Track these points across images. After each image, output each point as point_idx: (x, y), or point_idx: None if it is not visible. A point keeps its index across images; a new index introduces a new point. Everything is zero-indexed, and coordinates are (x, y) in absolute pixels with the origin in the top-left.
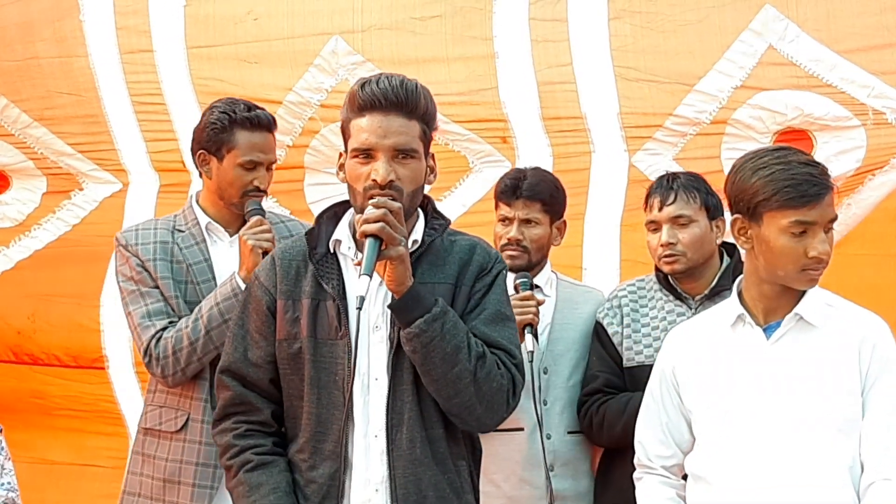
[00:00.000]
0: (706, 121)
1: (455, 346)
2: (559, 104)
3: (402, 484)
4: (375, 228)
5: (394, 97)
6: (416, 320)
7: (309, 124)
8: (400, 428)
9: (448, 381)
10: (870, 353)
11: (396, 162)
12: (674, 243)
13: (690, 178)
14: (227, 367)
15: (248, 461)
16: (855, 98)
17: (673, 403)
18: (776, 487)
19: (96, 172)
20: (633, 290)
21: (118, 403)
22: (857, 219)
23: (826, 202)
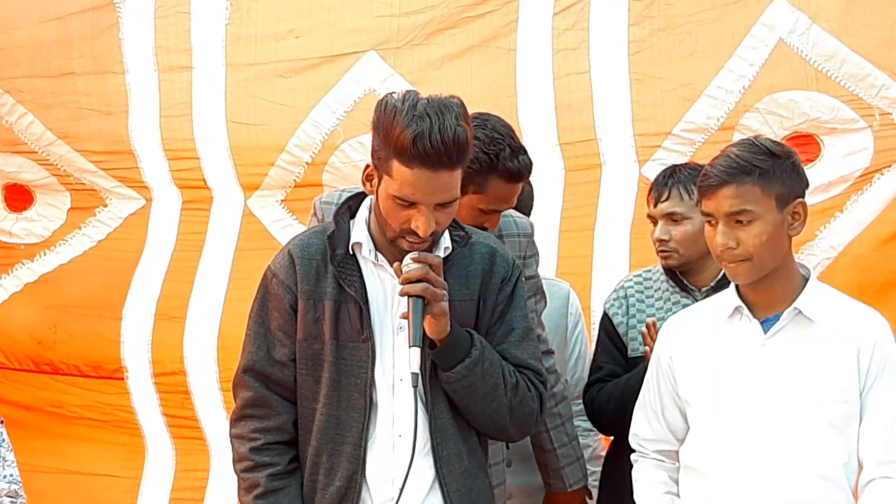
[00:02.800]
0: (714, 127)
1: (493, 385)
2: (574, 114)
3: (458, 498)
4: (419, 290)
5: (446, 158)
6: (457, 365)
7: (329, 139)
8: (446, 443)
9: (486, 414)
10: (870, 351)
11: (437, 210)
12: (666, 240)
13: (692, 172)
14: (250, 366)
15: (257, 485)
16: (863, 99)
17: (668, 392)
18: (769, 481)
19: (119, 189)
20: (639, 282)
21: (136, 413)
22: (868, 217)
23: (723, 195)
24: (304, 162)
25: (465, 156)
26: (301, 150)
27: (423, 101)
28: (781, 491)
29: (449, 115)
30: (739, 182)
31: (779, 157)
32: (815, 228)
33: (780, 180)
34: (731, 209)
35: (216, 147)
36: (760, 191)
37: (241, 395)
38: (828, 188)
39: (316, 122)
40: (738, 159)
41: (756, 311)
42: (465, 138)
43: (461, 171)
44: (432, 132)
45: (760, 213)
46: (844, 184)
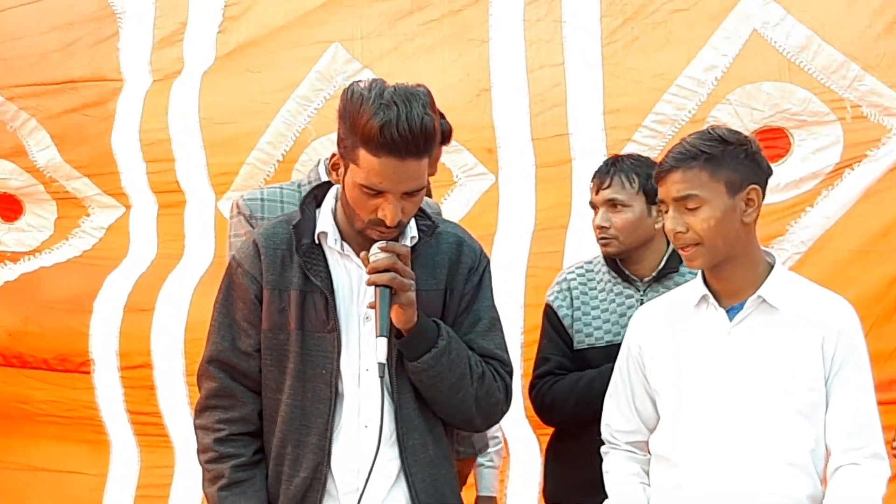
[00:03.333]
0: (685, 119)
1: (460, 374)
2: (548, 108)
3: (423, 488)
4: (386, 279)
5: (413, 146)
6: (424, 355)
7: (301, 136)
8: (412, 434)
9: (452, 404)
10: (835, 338)
11: (404, 199)
12: (606, 227)
13: (635, 161)
14: (214, 356)
15: (221, 476)
16: (834, 91)
17: (639, 381)
18: (738, 469)
19: (100, 197)
20: (581, 273)
21: (100, 410)
22: (838, 212)
23: (671, 180)
24: (275, 160)
25: (432, 144)
26: (272, 147)
27: (389, 89)
28: (750, 478)
29: (416, 103)
30: (686, 167)
31: (730, 144)
32: (785, 224)
33: (729, 166)
34: (677, 194)
35: (191, 147)
36: (708, 176)
37: (206, 386)
38: (798, 184)
39: (287, 120)
40: (688, 145)
41: (722, 299)
42: (432, 127)
43: (428, 160)
44: (399, 121)
45: (707, 197)
46: (815, 180)
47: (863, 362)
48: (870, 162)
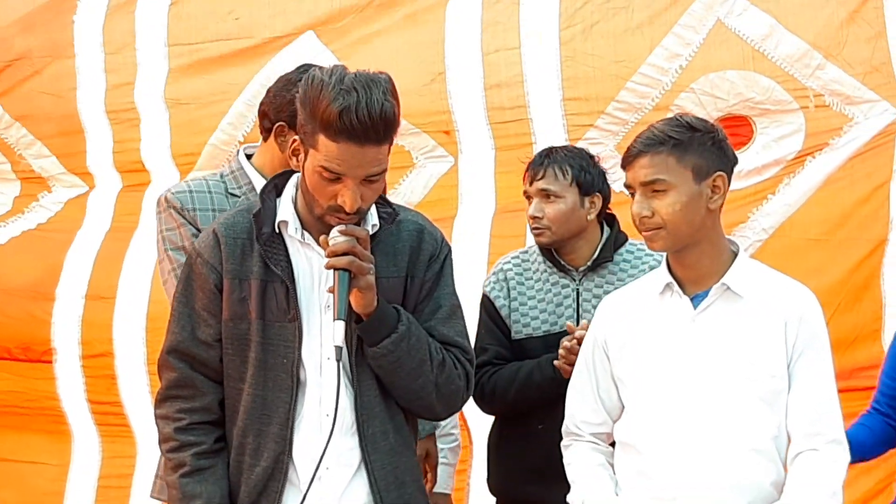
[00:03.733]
0: (648, 107)
1: (419, 361)
2: (504, 92)
3: (382, 476)
4: (345, 262)
5: (372, 132)
6: (383, 340)
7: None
8: (372, 422)
9: (412, 391)
10: (797, 324)
11: (364, 185)
12: (539, 217)
13: (568, 153)
14: (174, 346)
15: (183, 464)
16: (797, 79)
17: (605, 371)
18: (702, 456)
19: (65, 176)
20: (517, 263)
21: (60, 401)
22: (800, 200)
23: (638, 164)
24: (236, 140)
25: (391, 131)
26: (233, 128)
27: (350, 75)
28: (714, 465)
29: (376, 89)
30: (654, 152)
31: (697, 131)
32: (747, 211)
33: (696, 152)
34: (645, 178)
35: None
36: (675, 161)
37: (166, 376)
38: (761, 171)
39: (249, 102)
40: (656, 131)
41: (686, 287)
42: (392, 113)
43: (388, 146)
44: (359, 106)
45: (675, 182)
46: (777, 167)
47: (824, 349)
48: (831, 150)
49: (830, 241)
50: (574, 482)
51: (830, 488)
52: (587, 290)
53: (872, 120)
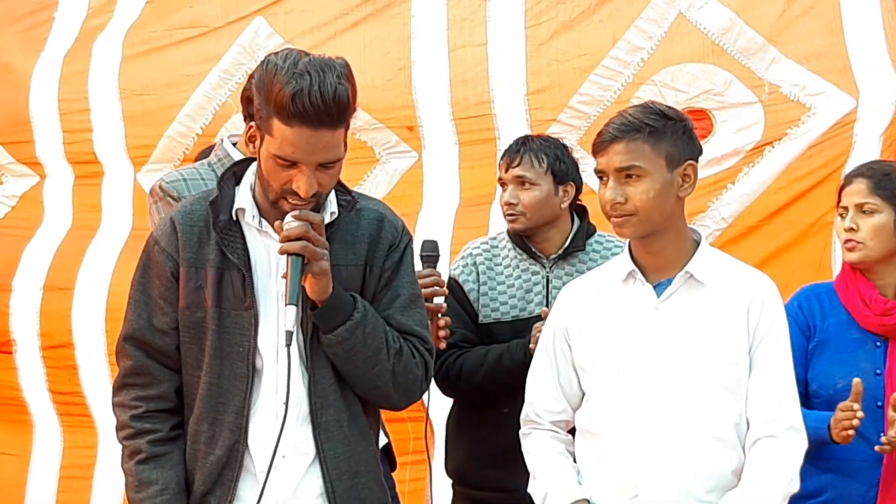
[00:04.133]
0: (610, 100)
1: (375, 349)
2: (469, 88)
3: (335, 465)
4: (298, 247)
5: (325, 116)
6: (338, 328)
7: (222, 110)
8: (326, 410)
9: (368, 379)
10: (758, 311)
11: (320, 171)
12: (514, 203)
13: (544, 142)
14: (130, 334)
15: (139, 451)
16: (754, 72)
17: (566, 359)
18: (663, 443)
19: (14, 166)
20: (486, 248)
21: (22, 391)
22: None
23: (613, 150)
24: (194, 133)
25: (346, 115)
26: (192, 119)
27: (304, 59)
28: (676, 453)
29: (330, 73)
30: (630, 139)
31: (671, 119)
32: (707, 200)
33: (670, 140)
34: (620, 164)
35: (110, 117)
36: (650, 148)
37: (123, 364)
38: (720, 161)
39: (208, 94)
40: (631, 118)
41: (649, 275)
42: (346, 97)
43: (344, 132)
44: (312, 89)
45: (649, 169)
46: (736, 157)
47: (783, 336)
48: (790, 140)
49: (789, 229)
50: (535, 472)
51: (788, 474)
52: (557, 277)
53: (830, 110)
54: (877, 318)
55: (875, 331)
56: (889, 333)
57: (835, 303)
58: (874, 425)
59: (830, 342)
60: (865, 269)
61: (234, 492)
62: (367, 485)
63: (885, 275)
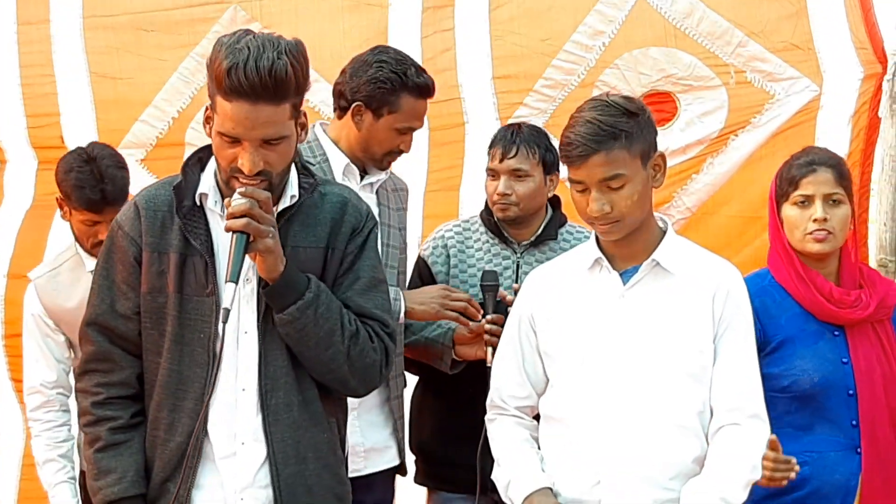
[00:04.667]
0: (574, 83)
1: (328, 330)
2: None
3: (282, 448)
4: (240, 224)
5: (261, 89)
6: (289, 307)
7: (199, 94)
8: (276, 392)
9: (322, 361)
10: (724, 299)
11: (265, 148)
12: (509, 194)
13: (533, 132)
14: (93, 319)
15: (99, 439)
16: (718, 56)
17: (531, 345)
18: (627, 430)
19: None
20: (458, 231)
21: None
22: (723, 178)
23: (593, 163)
24: (170, 116)
25: (285, 90)
26: (168, 103)
27: (248, 36)
28: (640, 441)
29: (270, 48)
30: (608, 149)
31: (637, 116)
32: (672, 190)
33: (641, 138)
34: (604, 175)
35: (79, 101)
36: (628, 153)
37: (85, 349)
38: (685, 150)
39: (185, 77)
40: (603, 125)
41: (616, 263)
42: (283, 71)
43: (290, 109)
44: (247, 63)
45: (630, 175)
46: (700, 146)
47: (747, 325)
48: (753, 129)
49: (753, 218)
50: (499, 459)
51: (750, 462)
52: (527, 263)
53: (794, 97)
54: (843, 311)
55: (831, 321)
56: (848, 323)
57: (783, 296)
58: (847, 413)
59: (793, 338)
60: (817, 259)
61: (194, 479)
62: (316, 472)
63: (830, 264)
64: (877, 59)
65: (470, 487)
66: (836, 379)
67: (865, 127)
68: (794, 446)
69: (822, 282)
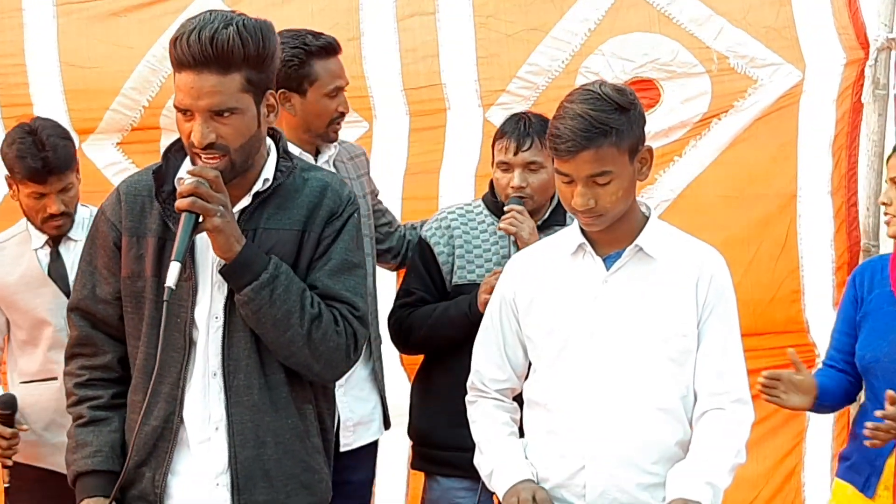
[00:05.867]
0: (559, 70)
1: (286, 312)
2: (419, 59)
3: (240, 430)
4: (187, 204)
5: (202, 56)
6: (244, 287)
7: (168, 82)
8: (237, 374)
9: (281, 344)
10: (707, 283)
11: (216, 121)
12: (524, 187)
13: (542, 122)
14: (75, 305)
15: (81, 416)
16: (702, 42)
17: (512, 329)
18: (610, 415)
19: None
20: (462, 214)
21: None
22: (706, 160)
23: (582, 159)
24: (140, 105)
25: (229, 59)
26: (137, 92)
27: (207, 12)
28: (621, 424)
29: (219, 20)
30: (598, 146)
31: (627, 110)
32: (655, 173)
33: (631, 133)
34: (591, 172)
35: (50, 91)
36: (616, 150)
37: (70, 334)
38: (668, 133)
39: (152, 65)
40: (594, 121)
41: (599, 248)
42: (226, 40)
43: (239, 81)
44: (192, 33)
45: (618, 171)
46: (683, 129)
47: (731, 309)
48: (736, 112)
49: (737, 199)
50: (481, 445)
51: (735, 447)
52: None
53: (777, 82)
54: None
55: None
56: None
57: (885, 275)
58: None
59: (871, 314)
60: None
61: (169, 464)
62: (276, 457)
63: None
64: (859, 45)
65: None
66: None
67: (849, 111)
68: (861, 417)
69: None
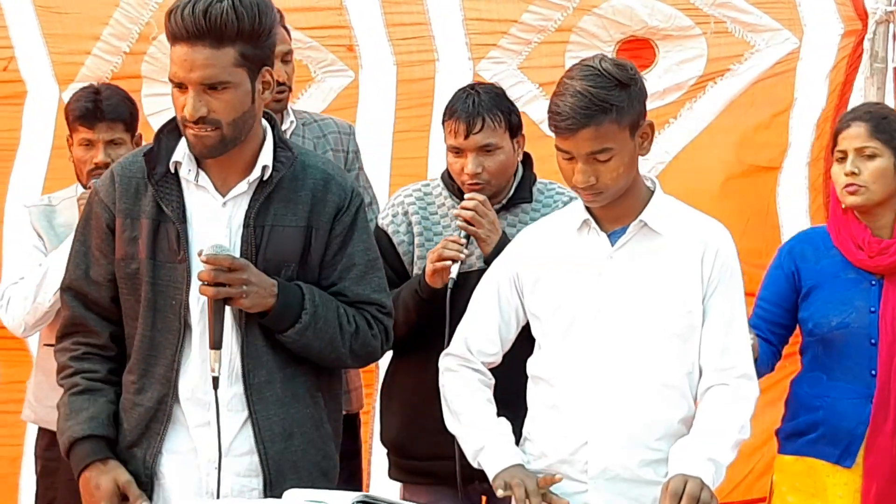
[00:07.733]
0: (552, 28)
1: (330, 338)
2: (403, 10)
3: (267, 427)
4: (211, 293)
5: (195, 29)
6: (288, 330)
7: (146, 29)
8: (258, 371)
9: (327, 362)
10: (713, 258)
11: (209, 94)
12: (479, 172)
13: (492, 95)
14: (68, 285)
15: (76, 385)
16: (699, 8)
17: (511, 306)
18: (615, 390)
19: None
20: (419, 197)
21: None
22: (701, 124)
23: (582, 136)
24: (121, 51)
25: (223, 33)
26: (117, 39)
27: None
28: (626, 401)
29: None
30: (598, 123)
31: (628, 86)
32: None
33: (631, 109)
34: (592, 149)
35: (29, 35)
36: (617, 126)
37: (63, 314)
38: (663, 95)
39: (127, 13)
40: (594, 98)
41: (603, 224)
42: (220, 13)
43: (234, 55)
44: (186, 6)
45: (618, 148)
46: (678, 91)
47: (737, 284)
48: (732, 76)
49: (732, 162)
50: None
51: (739, 422)
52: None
53: (774, 48)
54: (872, 260)
55: (871, 270)
56: (885, 272)
57: (828, 245)
58: (868, 363)
59: (825, 283)
60: (862, 213)
61: (161, 444)
62: (302, 448)
63: (882, 217)
64: (857, 17)
65: (451, 478)
66: (859, 327)
67: (841, 83)
68: (814, 390)
69: (858, 231)
